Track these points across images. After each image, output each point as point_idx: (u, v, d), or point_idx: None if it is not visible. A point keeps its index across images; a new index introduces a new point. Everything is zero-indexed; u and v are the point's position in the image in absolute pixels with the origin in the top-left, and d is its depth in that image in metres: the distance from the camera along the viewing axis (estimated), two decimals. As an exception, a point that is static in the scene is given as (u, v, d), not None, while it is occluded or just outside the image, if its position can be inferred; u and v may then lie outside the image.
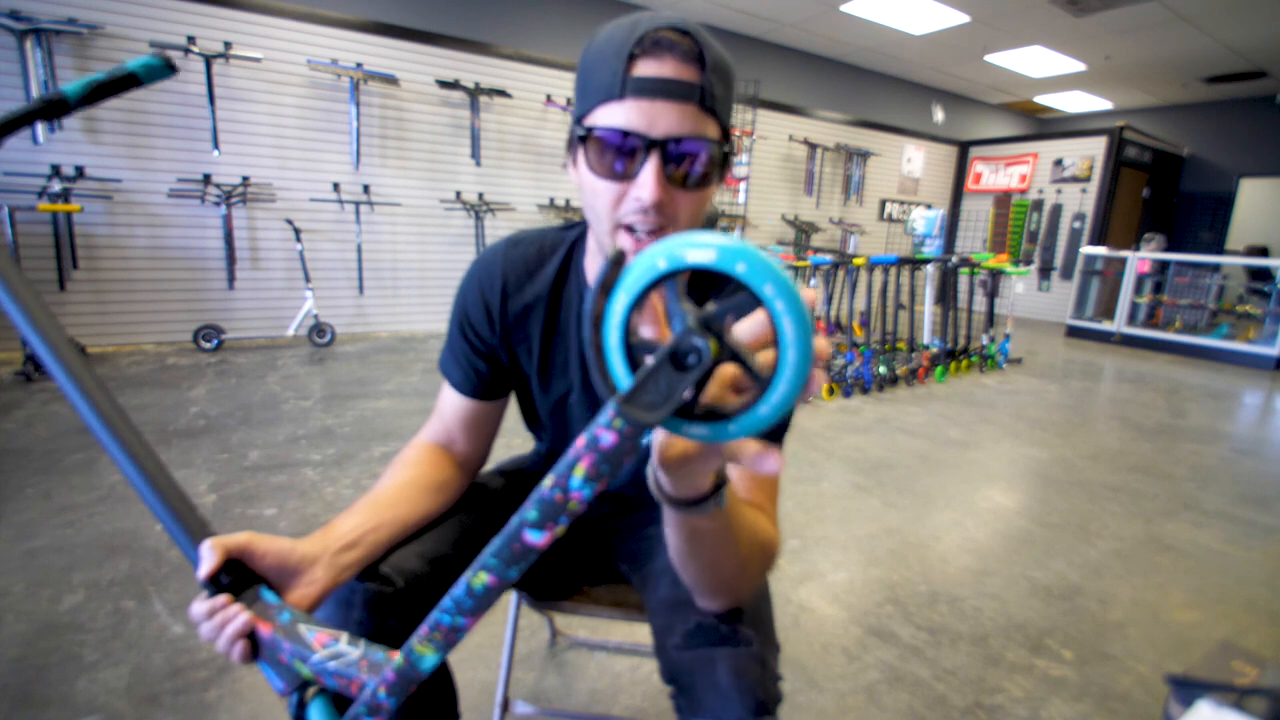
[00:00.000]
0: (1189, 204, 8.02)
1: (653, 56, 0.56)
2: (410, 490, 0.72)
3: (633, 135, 0.56)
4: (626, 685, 1.31)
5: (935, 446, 2.89)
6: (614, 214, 0.60)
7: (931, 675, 1.37)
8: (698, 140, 0.57)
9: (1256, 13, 4.97)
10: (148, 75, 0.68)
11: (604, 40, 0.58)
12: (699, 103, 0.56)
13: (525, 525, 0.37)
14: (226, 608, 0.52)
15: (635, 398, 0.32)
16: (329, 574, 0.60)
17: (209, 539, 0.53)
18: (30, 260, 3.44)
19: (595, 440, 0.33)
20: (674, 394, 0.32)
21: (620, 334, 0.34)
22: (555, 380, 0.79)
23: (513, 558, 0.38)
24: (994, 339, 4.69)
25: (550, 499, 0.35)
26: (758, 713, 0.57)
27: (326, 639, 0.52)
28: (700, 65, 0.56)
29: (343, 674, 0.50)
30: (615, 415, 0.32)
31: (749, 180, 5.53)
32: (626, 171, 0.58)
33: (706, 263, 0.30)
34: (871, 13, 5.43)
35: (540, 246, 0.77)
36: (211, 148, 3.87)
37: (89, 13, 3.48)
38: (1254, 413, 4.01)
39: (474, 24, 4.77)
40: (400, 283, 4.74)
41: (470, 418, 0.80)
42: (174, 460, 2.23)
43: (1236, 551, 2.04)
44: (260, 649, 0.52)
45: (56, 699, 1.17)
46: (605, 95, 0.57)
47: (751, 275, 0.30)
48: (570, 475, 0.34)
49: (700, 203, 0.61)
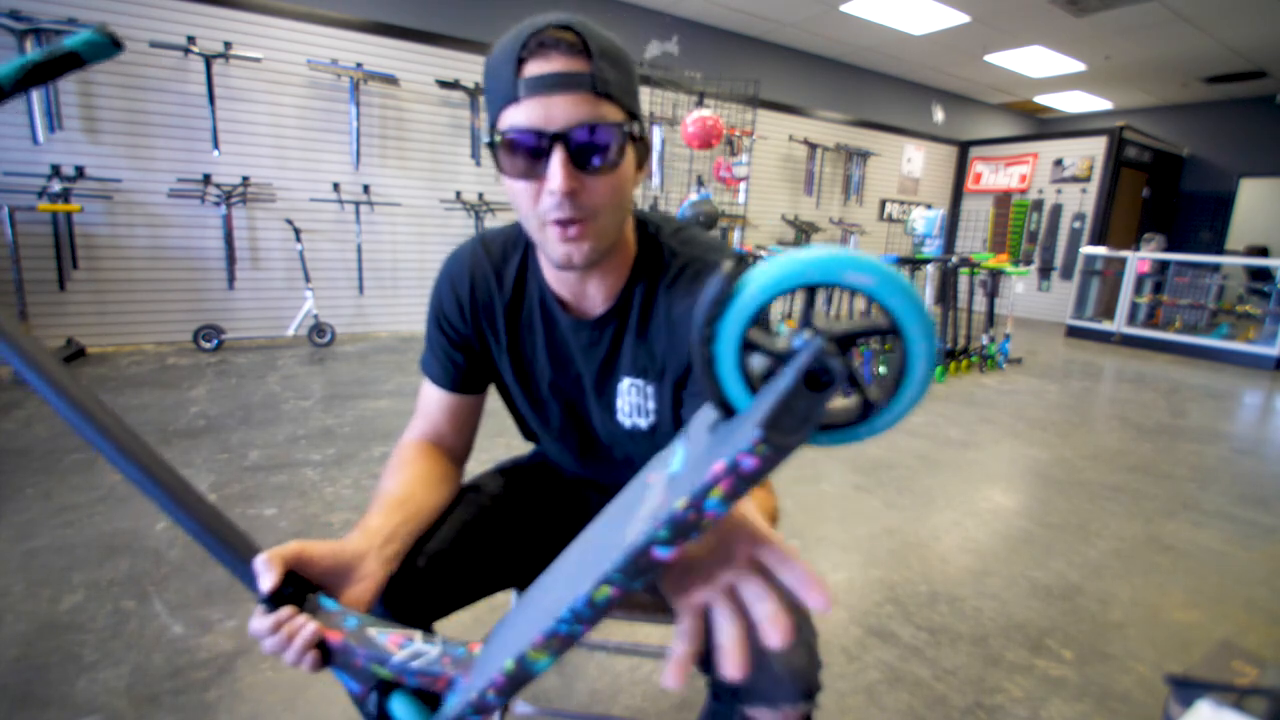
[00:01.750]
0: (1189, 204, 8.01)
1: (539, 56, 0.58)
2: (421, 485, 0.73)
3: (532, 132, 0.58)
4: (626, 685, 1.31)
5: (935, 446, 2.89)
6: (536, 211, 0.62)
7: (931, 675, 1.37)
8: (596, 125, 0.59)
9: (1256, 12, 4.97)
10: (90, 53, 0.60)
11: (497, 50, 0.61)
12: (591, 90, 0.58)
13: (655, 543, 0.36)
14: (293, 619, 0.51)
15: (776, 423, 0.31)
16: (381, 568, 0.61)
17: (263, 554, 0.53)
18: (30, 260, 3.44)
19: (736, 465, 0.32)
20: (813, 417, 0.32)
21: (736, 349, 0.34)
22: (526, 373, 0.81)
23: (638, 571, 0.38)
24: (994, 339, 4.69)
25: (684, 519, 0.35)
26: (808, 697, 0.59)
27: (400, 639, 0.52)
28: (586, 55, 0.59)
29: (426, 672, 0.51)
30: (760, 442, 0.31)
31: (749, 180, 5.53)
32: (537, 169, 0.60)
33: (862, 286, 0.31)
34: (871, 13, 5.43)
35: (505, 243, 0.79)
36: (211, 148, 3.87)
37: (89, 13, 3.48)
38: (1254, 413, 4.00)
39: (474, 24, 4.77)
40: (400, 283, 4.74)
41: (452, 412, 0.81)
42: (174, 460, 2.23)
43: (1236, 551, 2.04)
44: (331, 656, 0.52)
45: (56, 699, 1.17)
46: (504, 100, 0.59)
47: (903, 311, 0.31)
48: (707, 497, 0.34)
49: (615, 185, 0.63)
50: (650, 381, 0.76)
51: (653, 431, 0.78)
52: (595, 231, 0.63)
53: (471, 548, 0.78)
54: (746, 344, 0.34)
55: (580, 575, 0.42)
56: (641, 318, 0.74)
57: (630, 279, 0.74)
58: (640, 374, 0.76)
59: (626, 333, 0.75)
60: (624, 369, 0.77)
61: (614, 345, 0.76)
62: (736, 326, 0.33)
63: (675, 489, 0.37)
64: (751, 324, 0.33)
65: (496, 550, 0.81)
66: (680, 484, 0.37)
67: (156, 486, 0.52)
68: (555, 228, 0.62)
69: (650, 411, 0.77)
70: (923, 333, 0.31)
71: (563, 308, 0.76)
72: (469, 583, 0.78)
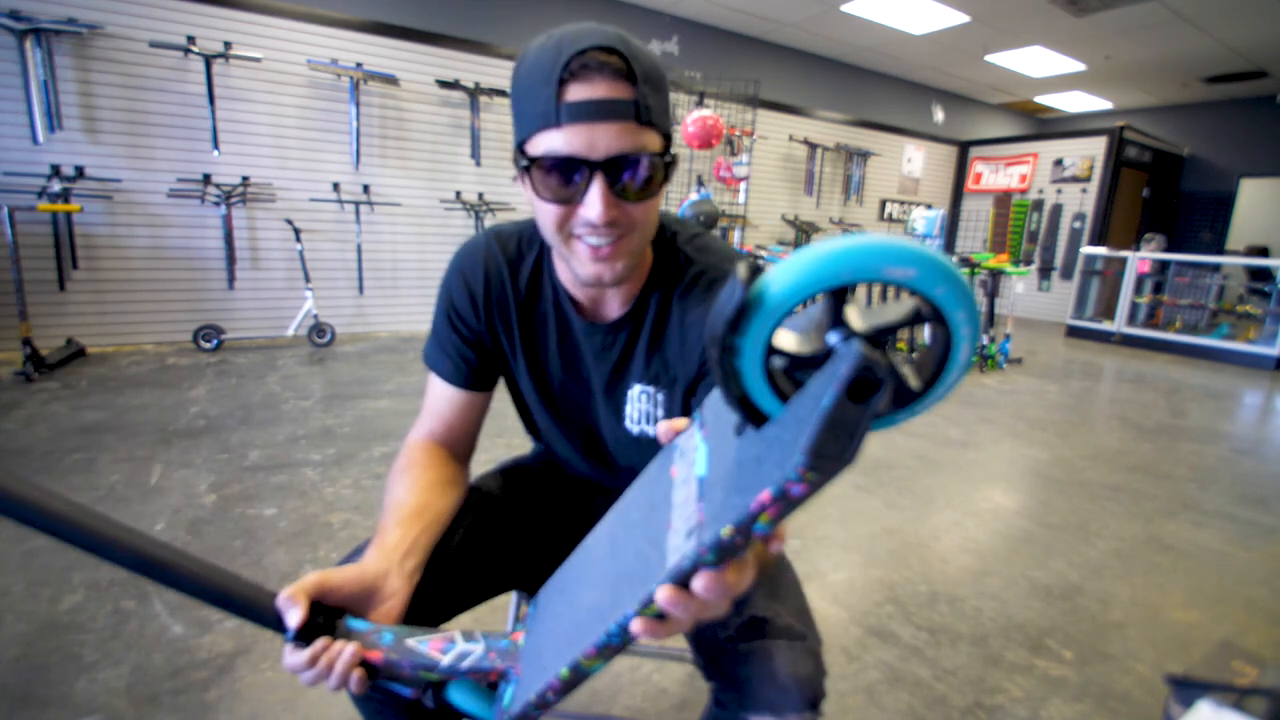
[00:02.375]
0: (1189, 204, 8.01)
1: (582, 80, 0.55)
2: (432, 491, 0.71)
3: (574, 160, 0.57)
4: (626, 685, 1.31)
5: (935, 446, 2.89)
6: (565, 228, 0.62)
7: (931, 675, 1.37)
8: (640, 156, 0.58)
9: (1257, 12, 4.96)
10: None
11: (532, 65, 0.58)
12: (635, 119, 0.57)
13: (702, 565, 0.35)
14: (329, 648, 0.50)
15: (825, 449, 0.28)
16: (405, 583, 0.59)
17: (284, 592, 0.51)
18: (30, 260, 3.44)
19: (785, 493, 0.30)
20: (861, 431, 0.28)
21: (761, 359, 0.31)
22: (537, 371, 0.80)
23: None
24: (994, 339, 4.69)
25: (731, 544, 0.34)
26: (813, 706, 0.58)
27: (442, 644, 0.52)
28: (631, 81, 0.56)
29: (476, 669, 0.51)
30: (807, 470, 0.28)
31: (749, 180, 5.53)
32: (572, 194, 0.59)
33: (904, 280, 0.28)
34: (871, 12, 5.43)
35: (519, 238, 0.78)
36: (211, 148, 3.87)
37: (89, 13, 3.48)
38: (1254, 413, 4.00)
39: (474, 24, 4.77)
40: (400, 282, 4.74)
41: (461, 409, 0.80)
42: (174, 460, 2.23)
43: (1236, 551, 2.04)
44: (376, 673, 0.52)
45: (56, 699, 1.17)
46: (542, 123, 0.57)
47: (949, 299, 0.28)
48: (755, 523, 0.32)
49: (650, 209, 0.63)
50: (661, 389, 0.76)
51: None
52: (627, 250, 0.63)
53: (474, 550, 0.78)
54: (771, 350, 0.31)
55: (621, 582, 0.42)
56: (656, 325, 0.74)
57: (646, 286, 0.74)
58: (652, 381, 0.76)
59: (640, 339, 0.75)
60: (635, 375, 0.76)
61: (626, 351, 0.76)
62: (760, 337, 0.31)
63: (712, 507, 0.36)
64: (775, 332, 0.31)
65: (500, 552, 0.81)
66: (717, 501, 0.35)
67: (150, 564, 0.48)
68: (585, 248, 0.62)
69: (659, 419, 0.77)
70: (969, 319, 0.29)
71: (577, 310, 0.76)
72: (472, 586, 0.78)
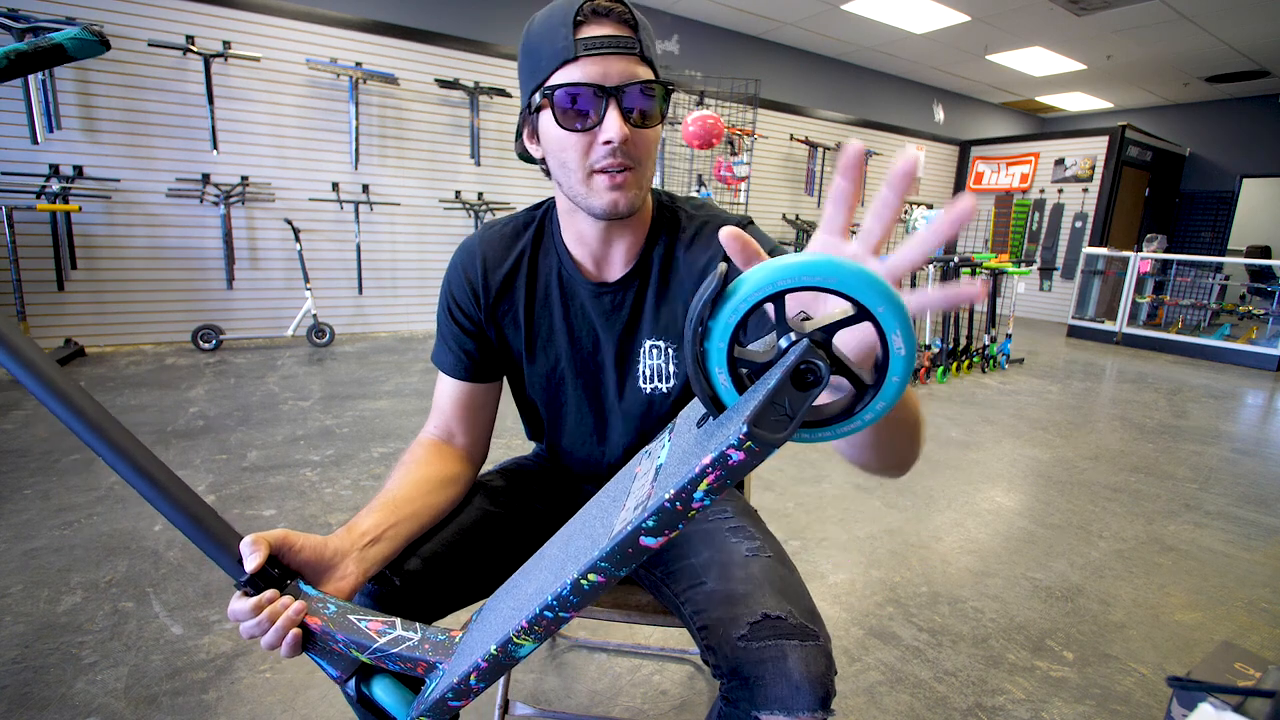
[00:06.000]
0: (1190, 204, 8.00)
1: (594, 21, 0.65)
2: (423, 487, 0.74)
3: (592, 86, 0.65)
4: (626, 687, 1.30)
5: (936, 447, 2.89)
6: (585, 162, 0.68)
7: (932, 676, 1.37)
8: (645, 85, 0.67)
9: (1258, 11, 4.96)
10: (77, 50, 0.62)
11: (545, 17, 0.67)
12: (639, 55, 0.67)
13: (643, 532, 0.37)
14: (275, 601, 0.53)
15: (762, 420, 0.32)
16: (360, 568, 0.62)
17: (249, 536, 0.54)
18: (29, 260, 3.44)
19: (725, 459, 0.33)
20: (799, 413, 0.33)
21: (725, 349, 0.35)
22: (542, 351, 0.82)
23: (625, 560, 0.39)
24: (995, 339, 4.68)
25: (671, 509, 0.36)
26: (824, 704, 0.59)
27: (380, 625, 0.54)
28: (633, 25, 0.67)
29: (407, 657, 0.52)
30: (747, 438, 0.32)
31: (749, 180, 5.53)
32: (590, 122, 0.66)
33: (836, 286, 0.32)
34: (872, 12, 5.42)
35: (514, 224, 0.83)
36: (210, 147, 3.87)
37: (88, 12, 3.48)
38: (1256, 413, 4.00)
39: (474, 24, 4.76)
40: (400, 282, 4.73)
41: (466, 403, 0.83)
42: (173, 460, 2.23)
43: (1238, 552, 2.04)
44: (312, 640, 0.53)
45: (55, 700, 1.17)
46: (561, 59, 0.65)
47: (866, 295, 0.32)
48: (695, 489, 0.35)
49: (655, 138, 0.71)
50: (671, 343, 0.79)
51: (673, 396, 0.80)
52: (638, 180, 0.70)
53: (469, 550, 0.78)
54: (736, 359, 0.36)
55: (566, 562, 0.43)
56: (661, 277, 0.79)
57: (649, 240, 0.79)
58: (662, 334, 0.79)
59: (648, 293, 0.79)
60: (646, 331, 0.80)
61: (635, 307, 0.80)
62: (729, 324, 0.35)
63: (663, 481, 0.38)
64: (744, 322, 0.35)
65: (496, 552, 0.81)
66: (667, 475, 0.38)
67: (133, 470, 0.52)
68: (604, 176, 0.68)
69: (671, 375, 0.80)
70: (894, 313, 0.33)
71: (582, 275, 0.79)
72: (465, 585, 0.77)
